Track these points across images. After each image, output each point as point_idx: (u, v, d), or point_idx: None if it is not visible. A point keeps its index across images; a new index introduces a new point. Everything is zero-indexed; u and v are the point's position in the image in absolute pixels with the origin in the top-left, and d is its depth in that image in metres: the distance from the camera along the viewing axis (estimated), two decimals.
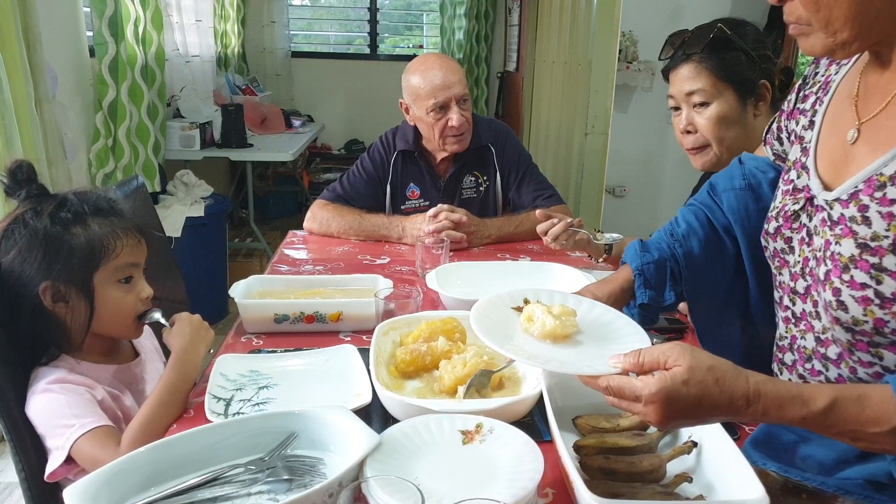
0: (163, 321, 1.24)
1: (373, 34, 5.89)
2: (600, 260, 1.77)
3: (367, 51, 5.93)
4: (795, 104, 1.08)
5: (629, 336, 0.94)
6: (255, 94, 4.88)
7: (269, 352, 1.30)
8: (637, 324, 0.97)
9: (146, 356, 1.34)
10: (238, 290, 1.43)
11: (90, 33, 2.86)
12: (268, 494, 0.88)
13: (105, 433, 1.09)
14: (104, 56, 2.87)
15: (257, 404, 1.10)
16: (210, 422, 1.00)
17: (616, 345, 0.90)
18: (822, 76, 1.03)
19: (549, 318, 0.91)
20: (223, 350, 1.31)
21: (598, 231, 1.80)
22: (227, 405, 1.09)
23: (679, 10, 4.14)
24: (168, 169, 3.51)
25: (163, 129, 3.45)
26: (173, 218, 3.25)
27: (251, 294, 1.48)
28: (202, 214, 3.37)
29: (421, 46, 6.12)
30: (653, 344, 0.85)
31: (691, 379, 0.73)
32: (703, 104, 1.46)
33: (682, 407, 0.74)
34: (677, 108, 1.52)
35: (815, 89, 1.03)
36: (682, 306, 1.52)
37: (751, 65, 1.42)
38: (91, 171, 2.86)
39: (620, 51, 3.77)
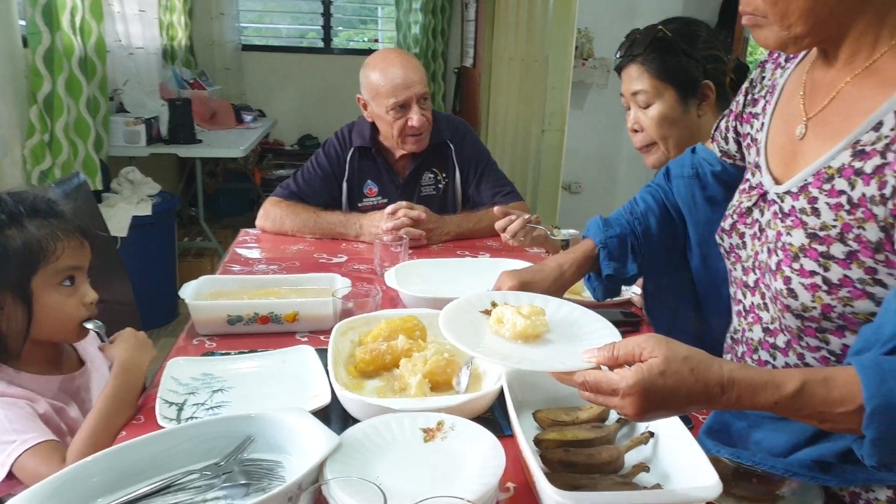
0: (102, 335, 1.19)
1: (326, 28, 5.82)
2: None
3: (321, 44, 5.85)
4: (744, 107, 1.11)
5: (598, 331, 0.94)
6: (204, 88, 4.77)
7: (222, 354, 1.26)
8: (606, 319, 0.97)
9: (92, 364, 1.28)
10: (189, 291, 1.40)
11: (23, 22, 2.74)
12: (224, 500, 0.86)
13: (49, 448, 1.04)
14: (38, 46, 2.74)
15: (211, 408, 1.07)
16: (162, 428, 0.97)
17: (586, 341, 0.90)
18: (769, 80, 1.06)
19: (519, 318, 0.91)
20: (174, 353, 1.27)
21: (555, 227, 1.81)
22: (180, 410, 1.06)
23: (633, 7, 4.20)
24: (112, 166, 3.41)
25: (105, 124, 3.34)
26: (119, 217, 3.16)
27: (202, 295, 1.44)
28: (149, 213, 3.29)
29: (376, 41, 6.08)
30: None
31: (668, 370, 0.73)
32: (647, 104, 1.48)
33: (659, 398, 0.74)
34: (628, 107, 1.54)
35: (763, 93, 1.07)
36: (637, 299, 1.55)
37: (694, 66, 1.43)
38: (26, 168, 2.74)
39: (576, 48, 3.81)
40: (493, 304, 1.00)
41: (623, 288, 1.42)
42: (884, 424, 0.70)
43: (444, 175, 2.17)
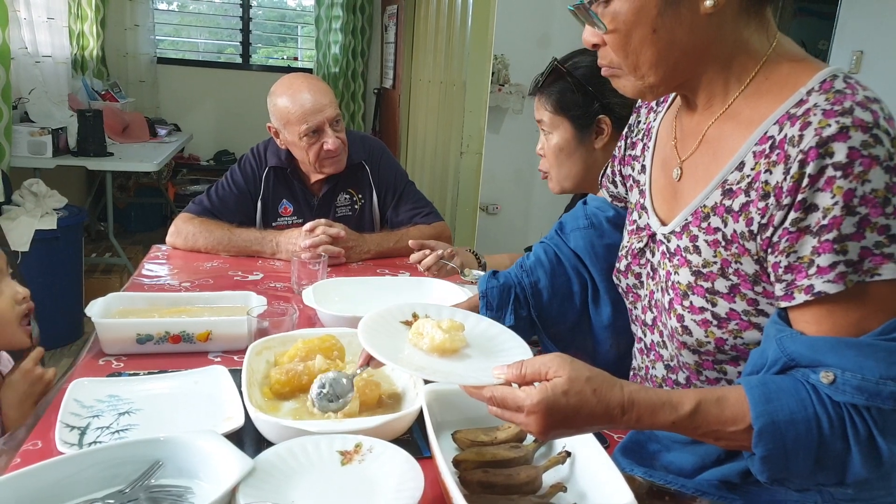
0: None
1: (245, 44, 5.74)
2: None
3: (239, 60, 5.77)
4: (626, 151, 1.17)
5: (513, 349, 0.96)
6: (117, 100, 4.61)
7: (130, 374, 1.21)
8: (520, 337, 0.99)
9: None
10: (96, 309, 1.33)
11: None
12: None
13: None
14: None
15: (117, 431, 1.02)
16: (62, 454, 0.91)
17: (500, 357, 0.92)
18: (644, 124, 1.12)
19: (438, 332, 0.92)
20: (77, 373, 1.21)
21: (473, 251, 1.83)
22: (83, 434, 1.00)
23: (547, 36, 4.33)
24: (15, 177, 3.23)
25: (7, 134, 3.17)
26: (20, 231, 2.99)
27: (111, 313, 1.38)
28: (55, 227, 3.14)
29: (296, 59, 6.04)
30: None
31: (571, 389, 0.75)
32: (548, 133, 1.52)
33: (562, 417, 0.76)
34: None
35: (640, 137, 1.13)
36: None
37: (587, 100, 1.45)
38: None
39: (493, 73, 3.89)
40: (415, 316, 1.00)
41: None
42: (770, 442, 0.74)
43: (360, 196, 2.16)
